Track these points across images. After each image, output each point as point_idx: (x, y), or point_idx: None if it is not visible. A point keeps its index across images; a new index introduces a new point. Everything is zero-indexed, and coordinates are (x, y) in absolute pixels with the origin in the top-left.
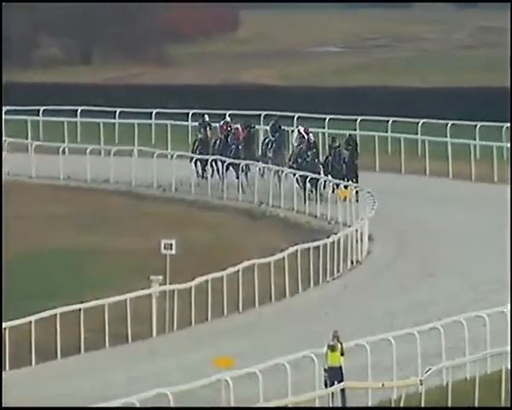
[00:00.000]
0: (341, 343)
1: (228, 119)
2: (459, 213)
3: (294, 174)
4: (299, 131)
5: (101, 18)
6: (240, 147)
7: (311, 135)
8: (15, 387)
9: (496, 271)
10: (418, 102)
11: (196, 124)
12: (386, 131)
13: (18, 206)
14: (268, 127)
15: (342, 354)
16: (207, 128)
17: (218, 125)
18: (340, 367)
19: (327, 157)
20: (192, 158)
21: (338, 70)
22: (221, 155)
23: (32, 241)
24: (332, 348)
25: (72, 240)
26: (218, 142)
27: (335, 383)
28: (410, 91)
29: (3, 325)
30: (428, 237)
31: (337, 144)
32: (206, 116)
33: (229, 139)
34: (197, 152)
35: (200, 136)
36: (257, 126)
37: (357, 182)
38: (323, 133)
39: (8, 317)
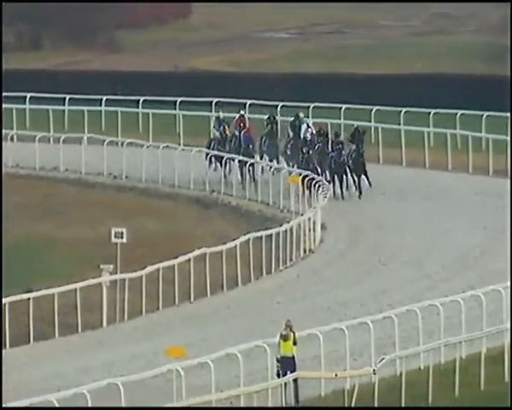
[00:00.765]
0: (294, 333)
1: (242, 111)
2: (412, 202)
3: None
4: (307, 124)
5: (52, 3)
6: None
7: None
8: None
9: (448, 259)
10: (371, 90)
11: (149, 111)
12: (339, 119)
13: None
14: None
15: (295, 343)
16: (224, 126)
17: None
18: (293, 357)
19: (329, 153)
20: (207, 155)
21: (290, 56)
22: (239, 153)
23: None
24: (284, 338)
25: (22, 229)
26: (233, 139)
27: (288, 373)
28: (363, 78)
29: None
30: (381, 226)
31: (340, 139)
32: (221, 113)
33: (241, 135)
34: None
35: (216, 134)
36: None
37: (367, 177)
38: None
39: None
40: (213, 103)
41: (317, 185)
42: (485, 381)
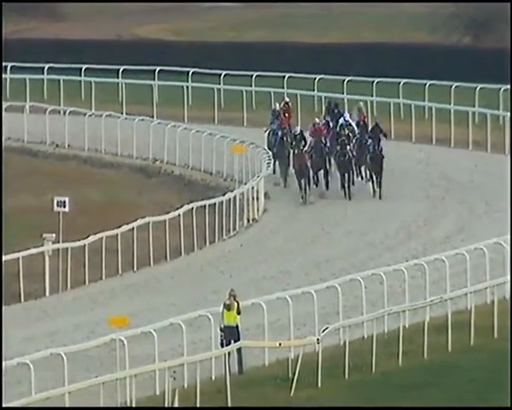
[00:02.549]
0: (238, 302)
1: (287, 98)
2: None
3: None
4: (349, 115)
5: None
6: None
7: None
8: None
9: (391, 229)
10: (315, 59)
11: (91, 79)
12: (283, 87)
13: None
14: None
15: (239, 313)
16: (280, 116)
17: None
18: (237, 326)
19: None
20: (274, 154)
21: (233, 25)
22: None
23: None
24: (228, 307)
25: None
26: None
27: (232, 342)
28: (308, 47)
29: None
30: (324, 196)
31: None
32: (277, 104)
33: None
34: (275, 148)
35: (273, 127)
36: None
37: (380, 177)
38: (219, 89)
39: None
40: (156, 71)
41: (260, 154)
42: (429, 350)
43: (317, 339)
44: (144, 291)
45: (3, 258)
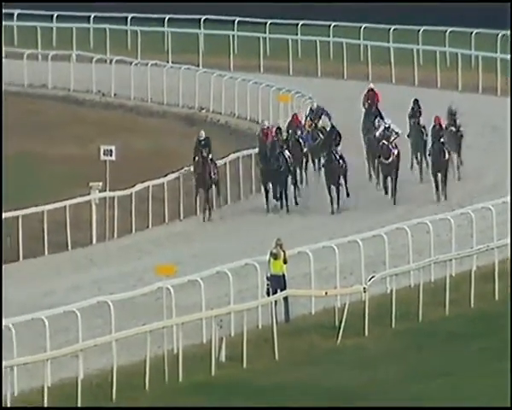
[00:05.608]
0: (284, 251)
1: (372, 85)
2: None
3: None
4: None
5: None
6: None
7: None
8: None
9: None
10: (359, 7)
11: (137, 28)
12: (328, 36)
13: None
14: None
15: (285, 262)
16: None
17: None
18: (283, 275)
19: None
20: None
21: None
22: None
23: None
24: (275, 256)
25: (10, 147)
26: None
27: (278, 291)
28: None
29: None
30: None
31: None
32: (315, 103)
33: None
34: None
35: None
36: None
37: (445, 175)
38: (264, 38)
39: None
40: (202, 20)
41: (305, 103)
42: (475, 299)
43: (364, 288)
44: (191, 240)
45: (51, 206)
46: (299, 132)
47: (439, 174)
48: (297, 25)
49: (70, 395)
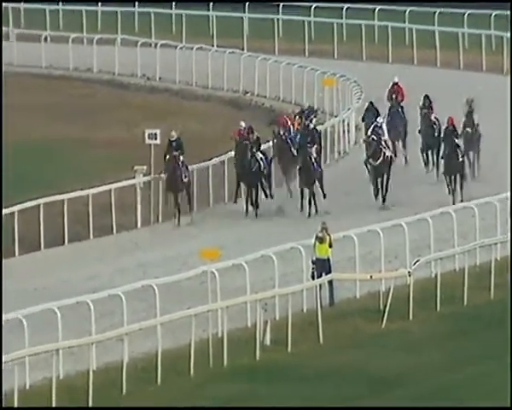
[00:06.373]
0: (330, 235)
1: (396, 79)
2: (448, 101)
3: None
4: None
5: None
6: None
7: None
8: None
9: (483, 160)
10: None
11: (182, 12)
12: (373, 20)
13: None
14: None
15: (330, 245)
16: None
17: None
18: (328, 259)
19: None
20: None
21: None
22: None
23: (12, 131)
24: (320, 240)
25: (55, 131)
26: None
27: (323, 274)
28: None
29: None
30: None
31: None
32: (307, 104)
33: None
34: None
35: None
36: None
37: (461, 178)
38: (309, 22)
39: None
40: (246, 4)
41: (350, 87)
42: None
43: (409, 271)
44: (235, 224)
45: (96, 190)
46: (284, 133)
47: (453, 177)
48: (342, 8)
49: (115, 379)
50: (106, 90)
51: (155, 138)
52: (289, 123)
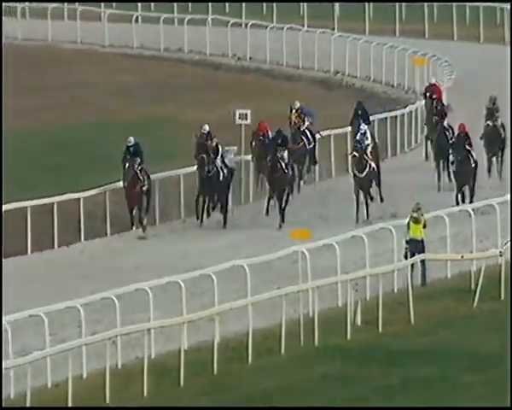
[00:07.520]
0: (423, 215)
1: (433, 80)
2: None
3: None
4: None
5: None
6: None
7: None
8: (91, 258)
9: None
10: None
11: None
12: (464, 1)
13: (89, 75)
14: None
15: (424, 226)
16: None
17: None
18: (422, 240)
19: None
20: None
21: None
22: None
23: (103, 111)
24: (415, 220)
25: (146, 110)
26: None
27: (416, 255)
28: None
29: (81, 194)
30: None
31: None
32: (297, 102)
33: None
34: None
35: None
36: None
37: (473, 186)
38: (400, 2)
39: (83, 187)
40: None
41: (441, 66)
42: None
43: (500, 252)
44: (325, 203)
45: (186, 170)
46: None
47: (463, 185)
48: None
49: (206, 359)
50: (196, 71)
51: (246, 118)
52: (269, 131)
